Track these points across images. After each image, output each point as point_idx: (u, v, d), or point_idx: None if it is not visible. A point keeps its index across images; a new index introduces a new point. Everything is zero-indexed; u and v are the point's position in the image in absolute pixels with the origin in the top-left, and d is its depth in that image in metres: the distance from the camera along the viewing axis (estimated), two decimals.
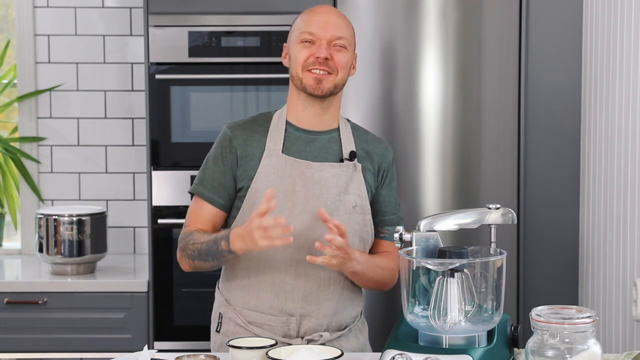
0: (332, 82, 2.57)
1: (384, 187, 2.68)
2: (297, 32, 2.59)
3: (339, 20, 2.60)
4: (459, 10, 3.51)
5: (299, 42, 2.58)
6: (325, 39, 2.56)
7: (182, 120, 3.68)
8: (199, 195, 2.62)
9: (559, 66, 3.53)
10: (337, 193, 2.57)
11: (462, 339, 2.19)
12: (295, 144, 2.60)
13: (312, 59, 2.55)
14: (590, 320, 2.01)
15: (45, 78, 4.27)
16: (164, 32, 3.65)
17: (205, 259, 2.54)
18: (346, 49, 2.59)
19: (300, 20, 2.62)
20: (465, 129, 3.53)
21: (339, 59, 2.57)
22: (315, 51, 2.56)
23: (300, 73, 2.57)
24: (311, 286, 2.56)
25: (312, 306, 2.56)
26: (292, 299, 2.56)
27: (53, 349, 3.70)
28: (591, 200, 3.39)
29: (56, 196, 4.30)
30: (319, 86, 2.56)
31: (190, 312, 3.71)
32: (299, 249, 2.54)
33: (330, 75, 2.56)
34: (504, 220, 2.35)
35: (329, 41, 2.56)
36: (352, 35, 2.63)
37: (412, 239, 2.31)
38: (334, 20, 2.59)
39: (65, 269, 3.83)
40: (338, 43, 2.57)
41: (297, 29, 2.61)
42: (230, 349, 2.27)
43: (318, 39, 2.56)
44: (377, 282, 2.65)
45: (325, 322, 2.58)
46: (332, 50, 2.57)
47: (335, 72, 2.57)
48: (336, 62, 2.56)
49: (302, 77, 2.57)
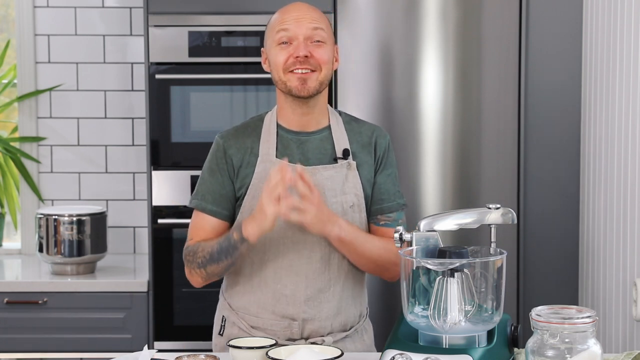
0: (317, 80, 2.52)
1: (379, 174, 2.62)
2: (272, 34, 2.54)
3: (313, 14, 2.54)
4: (459, 10, 3.51)
5: (275, 45, 2.52)
6: (301, 35, 2.50)
7: (182, 120, 3.68)
8: (202, 210, 2.58)
9: (559, 66, 3.53)
10: (333, 195, 2.55)
11: (462, 339, 2.18)
12: (288, 147, 2.58)
13: (291, 59, 2.50)
14: (590, 320, 2.01)
15: (45, 78, 4.27)
16: (164, 32, 3.65)
17: (219, 259, 2.50)
18: (325, 43, 2.53)
19: (273, 21, 2.56)
20: (465, 129, 3.53)
21: (319, 55, 2.51)
22: (293, 51, 2.50)
23: (283, 76, 2.52)
24: (312, 290, 2.55)
25: (314, 309, 2.55)
26: (294, 303, 2.55)
27: (53, 349, 3.70)
28: (591, 200, 3.39)
29: (56, 196, 4.30)
30: (305, 86, 2.51)
31: (190, 312, 3.71)
32: (298, 255, 2.53)
33: (313, 72, 2.51)
34: (504, 220, 2.35)
35: (306, 37, 2.50)
36: (329, 28, 2.57)
37: (412, 239, 2.31)
38: (308, 15, 2.52)
39: (65, 269, 3.83)
40: (315, 38, 2.51)
41: (271, 30, 2.55)
42: (230, 349, 2.27)
43: (294, 36, 2.50)
44: (375, 263, 2.55)
45: (328, 323, 2.57)
46: (311, 47, 2.50)
47: (319, 69, 2.51)
48: (317, 59, 2.51)
49: (285, 79, 2.52)
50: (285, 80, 2.52)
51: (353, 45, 3.53)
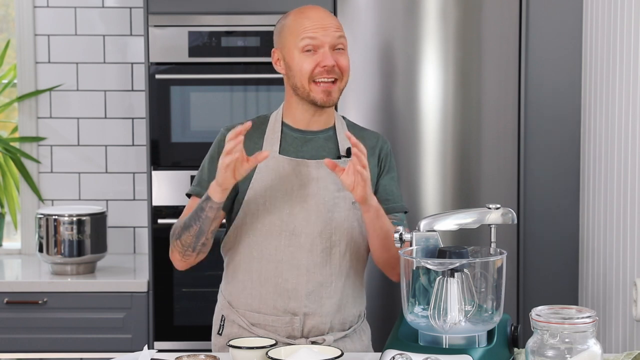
0: (339, 90, 2.54)
1: (383, 177, 2.65)
2: (294, 39, 2.52)
3: (335, 21, 2.55)
4: (459, 10, 3.51)
5: (299, 52, 2.51)
6: (328, 44, 2.51)
7: (182, 120, 3.68)
8: (197, 195, 2.60)
9: (559, 66, 3.53)
10: (336, 189, 2.56)
11: (462, 339, 2.19)
12: (292, 144, 2.59)
13: (318, 68, 2.50)
14: (590, 320, 2.01)
15: (45, 78, 4.27)
16: (164, 32, 3.65)
17: (189, 225, 2.50)
18: (345, 50, 2.56)
19: (294, 24, 2.54)
20: (465, 129, 3.53)
21: (343, 63, 2.53)
22: (320, 59, 2.50)
23: (307, 85, 2.52)
24: (313, 284, 2.56)
25: (315, 304, 2.56)
26: (295, 298, 2.55)
27: (53, 349, 3.70)
28: (591, 200, 3.39)
29: (56, 196, 4.30)
30: (329, 98, 2.53)
31: (190, 312, 3.71)
32: (299, 248, 2.54)
33: (335, 83, 2.52)
34: (504, 220, 2.35)
35: (332, 45, 2.51)
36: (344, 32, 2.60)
37: (412, 239, 2.31)
38: (332, 22, 2.53)
39: (65, 269, 3.83)
40: (339, 45, 2.53)
41: (292, 34, 2.53)
42: (230, 349, 2.27)
43: (321, 44, 2.50)
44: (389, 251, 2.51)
45: (328, 319, 2.58)
46: (335, 55, 2.52)
47: (341, 77, 2.54)
48: (341, 67, 2.53)
49: (310, 89, 2.52)
50: (309, 91, 2.53)
51: (353, 45, 3.53)
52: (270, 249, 2.55)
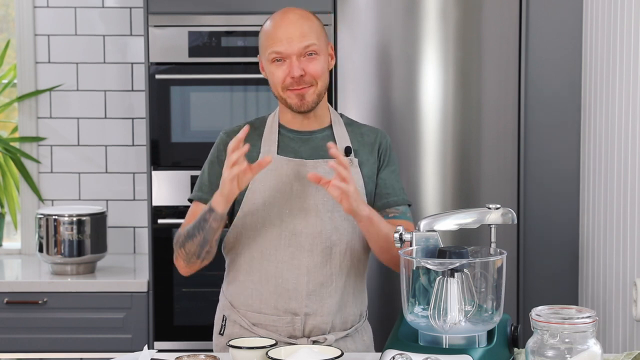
0: (314, 93, 2.55)
1: (382, 171, 2.64)
2: (265, 50, 2.56)
3: (302, 28, 2.53)
4: (459, 10, 3.51)
5: (270, 62, 2.55)
6: (294, 55, 2.51)
7: (182, 120, 3.68)
8: (199, 200, 2.62)
9: (559, 66, 3.53)
10: None
11: (462, 339, 2.19)
12: (290, 145, 2.60)
13: (288, 79, 2.52)
14: (590, 320, 2.01)
15: (45, 78, 4.27)
16: (164, 32, 3.65)
17: (193, 235, 2.51)
18: (318, 54, 2.54)
19: (263, 35, 2.57)
20: (465, 129, 3.53)
21: (313, 70, 2.53)
22: (288, 70, 2.52)
23: (282, 93, 2.55)
24: (314, 284, 2.56)
25: (316, 304, 2.56)
26: (296, 298, 2.56)
27: (53, 349, 3.70)
28: (591, 200, 3.39)
29: (56, 196, 4.30)
30: (303, 102, 2.54)
31: (190, 312, 3.71)
32: (299, 248, 2.54)
33: (311, 87, 2.54)
34: (504, 220, 2.35)
35: (299, 55, 2.52)
36: (320, 32, 2.56)
37: (412, 239, 2.31)
38: (298, 31, 2.52)
39: (65, 269, 3.83)
40: (308, 52, 2.52)
41: (262, 46, 2.58)
42: (231, 349, 2.27)
43: (286, 56, 2.52)
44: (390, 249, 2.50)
45: (329, 319, 2.58)
46: (304, 62, 2.52)
47: (315, 83, 2.54)
48: (312, 74, 2.53)
49: (285, 97, 2.55)
50: (285, 98, 2.56)
51: (353, 45, 3.53)
52: (270, 249, 2.55)
